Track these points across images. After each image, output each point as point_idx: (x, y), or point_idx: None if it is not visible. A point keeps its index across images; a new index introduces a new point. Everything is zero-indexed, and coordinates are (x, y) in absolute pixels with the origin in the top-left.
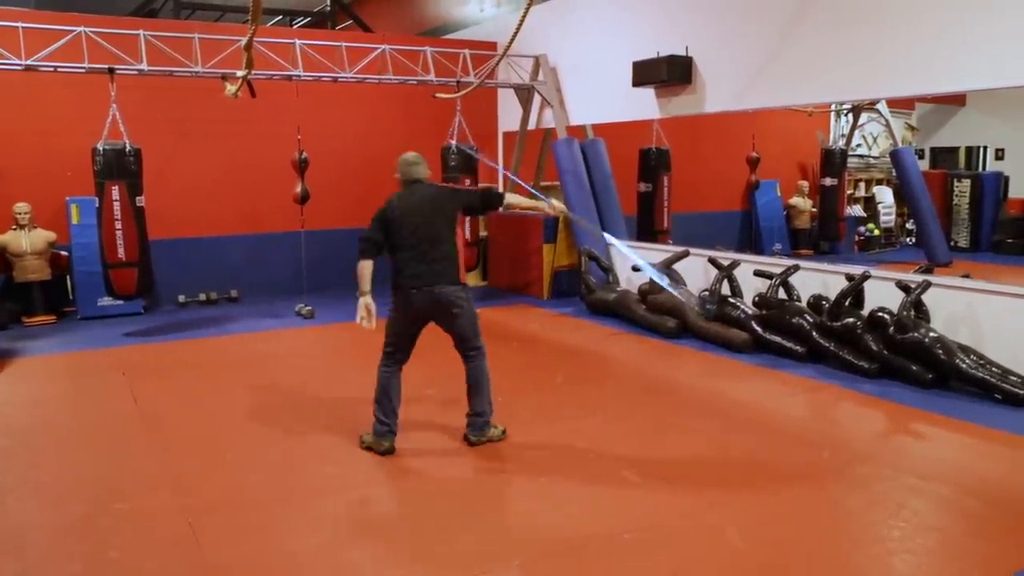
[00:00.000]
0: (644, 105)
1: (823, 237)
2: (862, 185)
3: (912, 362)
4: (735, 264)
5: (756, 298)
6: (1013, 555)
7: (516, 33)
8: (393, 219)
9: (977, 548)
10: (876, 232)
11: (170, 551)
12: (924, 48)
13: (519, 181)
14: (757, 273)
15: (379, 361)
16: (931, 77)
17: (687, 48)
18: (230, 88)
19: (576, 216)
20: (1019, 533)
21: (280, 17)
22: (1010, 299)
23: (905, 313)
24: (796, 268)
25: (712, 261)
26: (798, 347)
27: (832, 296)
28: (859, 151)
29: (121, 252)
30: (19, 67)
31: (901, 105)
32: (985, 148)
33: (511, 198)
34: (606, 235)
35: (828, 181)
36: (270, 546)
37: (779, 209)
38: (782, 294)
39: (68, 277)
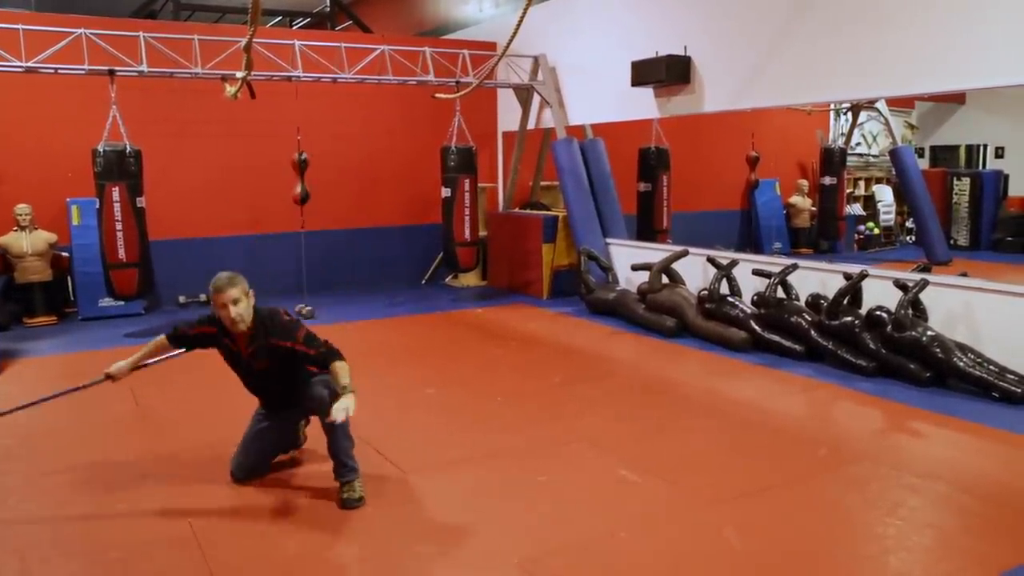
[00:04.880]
0: (643, 105)
1: (823, 236)
2: (862, 184)
3: (910, 361)
4: (734, 263)
5: (755, 297)
6: (1009, 552)
7: (515, 33)
8: None
9: (973, 545)
10: (876, 231)
11: (170, 551)
12: (923, 47)
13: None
14: (756, 272)
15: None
16: (930, 76)
17: (686, 48)
18: (230, 89)
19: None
20: (1015, 530)
21: (280, 18)
22: (1007, 297)
23: (903, 312)
24: (794, 267)
25: (711, 260)
26: (796, 346)
27: (830, 295)
28: (858, 150)
29: (122, 253)
30: (19, 69)
31: (901, 103)
32: (985, 146)
33: None
34: None
35: (827, 180)
36: (270, 547)
37: (779, 208)
38: (781, 293)
39: (69, 278)
